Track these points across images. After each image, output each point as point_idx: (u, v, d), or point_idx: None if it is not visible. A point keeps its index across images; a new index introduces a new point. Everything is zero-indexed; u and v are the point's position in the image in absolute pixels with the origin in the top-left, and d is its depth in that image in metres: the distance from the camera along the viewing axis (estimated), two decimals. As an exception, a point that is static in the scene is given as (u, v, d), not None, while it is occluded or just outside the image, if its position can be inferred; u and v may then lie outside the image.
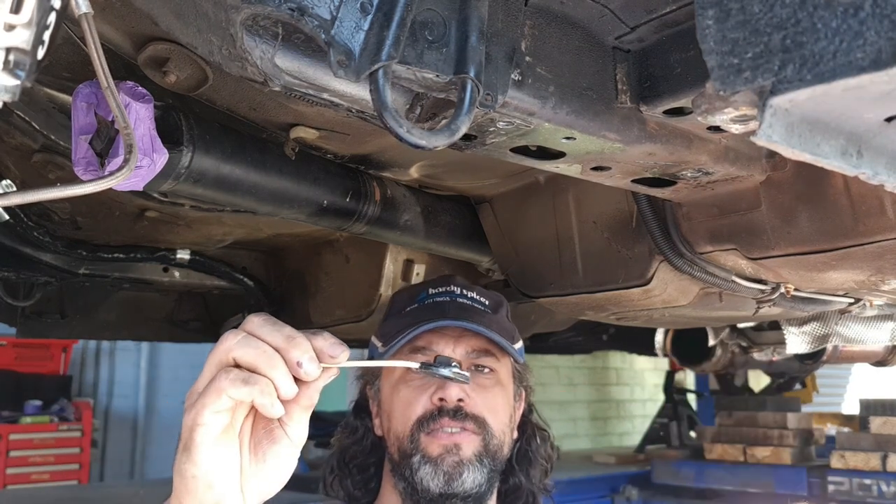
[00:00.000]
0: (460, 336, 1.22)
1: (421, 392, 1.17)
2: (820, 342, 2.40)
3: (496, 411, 1.19)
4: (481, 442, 1.15)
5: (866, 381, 8.21)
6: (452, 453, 1.13)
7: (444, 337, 1.21)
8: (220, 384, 0.68)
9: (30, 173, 1.60)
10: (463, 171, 1.61)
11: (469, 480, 1.12)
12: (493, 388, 1.21)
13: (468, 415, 1.15)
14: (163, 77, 1.03)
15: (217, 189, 1.26)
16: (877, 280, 1.38)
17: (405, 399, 1.18)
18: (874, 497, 3.66)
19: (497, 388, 1.21)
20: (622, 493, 4.36)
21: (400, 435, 1.17)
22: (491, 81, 0.79)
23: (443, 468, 1.11)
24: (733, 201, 1.31)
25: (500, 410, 1.20)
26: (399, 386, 1.20)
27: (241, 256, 2.59)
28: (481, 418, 1.16)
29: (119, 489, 4.48)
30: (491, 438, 1.16)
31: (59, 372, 6.17)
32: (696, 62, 0.87)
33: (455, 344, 1.21)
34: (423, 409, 1.16)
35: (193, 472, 0.69)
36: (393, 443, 1.19)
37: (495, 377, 1.23)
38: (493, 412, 1.18)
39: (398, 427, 1.18)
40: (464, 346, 1.21)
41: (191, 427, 0.69)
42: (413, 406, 1.16)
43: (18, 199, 0.66)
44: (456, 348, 1.20)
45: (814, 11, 0.49)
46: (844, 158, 0.55)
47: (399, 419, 1.18)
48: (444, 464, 1.11)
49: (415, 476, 1.13)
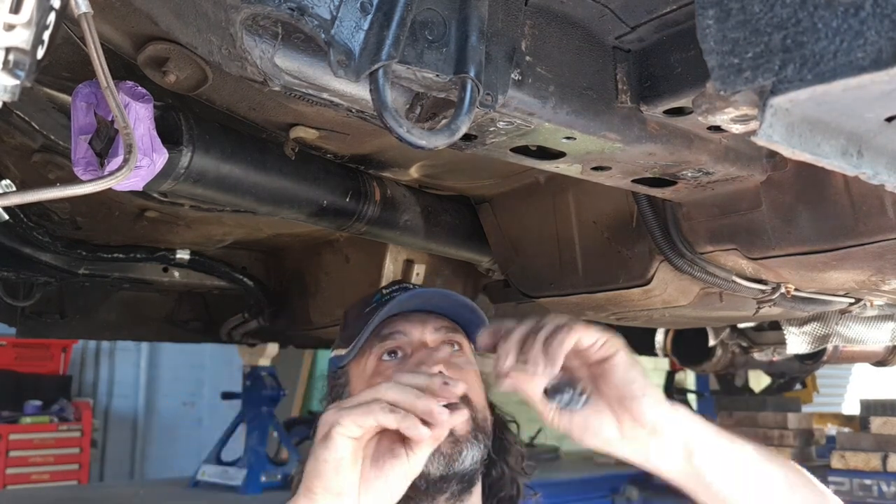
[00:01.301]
0: (426, 318, 1.20)
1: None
2: (820, 342, 2.40)
3: (474, 388, 1.17)
4: (470, 418, 1.11)
5: (867, 381, 8.21)
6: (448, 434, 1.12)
7: (411, 321, 1.19)
8: (372, 407, 0.85)
9: (29, 173, 1.60)
10: (463, 171, 1.61)
11: (468, 458, 1.10)
12: (466, 366, 1.18)
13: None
14: (162, 77, 1.03)
15: (217, 189, 1.26)
16: (877, 280, 1.38)
17: None
18: (874, 497, 3.66)
19: (469, 366, 1.19)
20: (622, 493, 4.36)
21: None
22: (491, 81, 0.79)
23: (441, 450, 1.07)
24: (734, 201, 1.31)
25: (476, 387, 1.18)
26: (374, 379, 1.15)
27: (241, 256, 2.59)
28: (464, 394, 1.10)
29: (119, 489, 4.48)
30: (477, 413, 1.14)
31: (59, 372, 6.17)
32: (696, 62, 0.87)
33: (423, 325, 1.19)
34: None
35: (327, 456, 0.84)
36: None
37: (465, 356, 1.21)
38: (472, 388, 1.16)
39: None
40: (431, 325, 1.19)
41: (331, 423, 0.85)
42: None
43: (18, 199, 0.66)
44: (424, 330, 1.18)
45: (814, 11, 0.49)
46: (845, 158, 0.55)
47: None
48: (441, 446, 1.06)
49: None
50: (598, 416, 0.94)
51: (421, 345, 1.17)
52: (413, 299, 1.20)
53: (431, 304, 1.22)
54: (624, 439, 0.94)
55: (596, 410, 0.95)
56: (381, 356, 1.17)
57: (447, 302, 1.23)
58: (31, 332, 2.67)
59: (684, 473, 0.95)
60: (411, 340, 1.18)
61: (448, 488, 1.11)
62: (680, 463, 0.95)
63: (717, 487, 0.94)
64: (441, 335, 1.20)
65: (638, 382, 0.92)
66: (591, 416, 0.95)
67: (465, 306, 1.23)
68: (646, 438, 0.94)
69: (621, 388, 0.92)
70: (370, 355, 1.18)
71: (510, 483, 1.26)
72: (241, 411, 3.87)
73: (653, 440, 0.94)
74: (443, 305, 1.23)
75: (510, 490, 1.25)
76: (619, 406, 0.93)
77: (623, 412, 0.92)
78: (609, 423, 0.94)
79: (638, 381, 0.93)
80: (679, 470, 0.95)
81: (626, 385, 0.92)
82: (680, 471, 0.95)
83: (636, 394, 0.91)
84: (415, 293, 1.21)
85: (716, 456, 0.95)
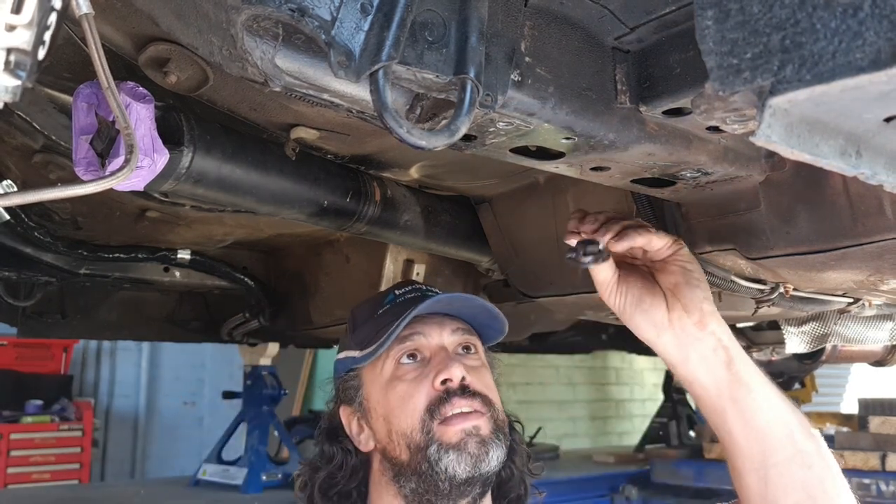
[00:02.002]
0: (442, 320, 1.20)
1: (420, 382, 1.14)
2: (819, 342, 2.40)
3: (491, 388, 1.18)
4: (492, 419, 1.13)
5: (865, 380, 8.21)
6: (473, 435, 1.10)
7: (428, 323, 1.19)
8: None
9: (31, 173, 1.60)
10: (463, 171, 1.61)
11: (494, 459, 1.11)
12: (482, 368, 1.20)
13: (475, 392, 1.13)
14: (163, 77, 1.03)
15: (218, 189, 1.26)
16: (876, 280, 1.38)
17: (404, 393, 1.14)
18: (873, 496, 3.66)
19: (485, 368, 1.21)
20: (621, 492, 4.36)
21: (407, 430, 1.12)
22: (491, 82, 0.79)
23: (468, 451, 1.08)
24: (732, 201, 1.31)
25: (493, 388, 1.19)
26: (393, 383, 1.16)
27: (242, 256, 2.59)
28: (485, 395, 1.14)
29: (120, 489, 4.47)
30: (497, 414, 1.15)
31: (60, 372, 6.17)
32: (695, 62, 0.87)
33: (440, 327, 1.19)
34: (427, 397, 1.12)
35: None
36: (399, 442, 1.14)
37: (479, 358, 1.22)
38: (490, 389, 1.17)
39: (404, 423, 1.13)
40: (449, 328, 1.20)
41: None
42: (415, 397, 1.13)
43: (19, 199, 0.67)
44: (442, 331, 1.19)
45: (813, 12, 0.49)
46: (843, 158, 0.55)
47: (402, 415, 1.13)
48: (468, 447, 1.09)
49: (436, 466, 1.09)
50: (652, 298, 1.02)
51: (439, 348, 1.17)
52: (436, 304, 1.19)
53: (453, 308, 1.22)
54: (671, 329, 1.00)
55: (651, 293, 1.02)
56: (400, 359, 1.17)
57: (468, 306, 1.22)
58: (32, 332, 2.67)
59: (722, 381, 0.99)
60: (430, 343, 1.18)
61: (471, 492, 1.11)
62: (720, 368, 0.99)
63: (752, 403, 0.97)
64: (458, 337, 1.20)
65: (697, 273, 1.01)
66: (644, 296, 1.02)
67: (485, 310, 1.23)
68: (691, 333, 0.99)
69: (680, 276, 1.01)
70: (387, 358, 1.17)
71: (518, 483, 1.26)
72: (241, 411, 3.87)
73: (696, 337, 0.99)
74: (463, 310, 1.23)
75: (518, 489, 1.26)
76: (672, 294, 1.01)
77: (675, 300, 1.00)
78: (660, 308, 1.01)
79: (697, 272, 1.01)
80: (717, 377, 0.99)
81: (686, 273, 1.01)
82: (718, 378, 0.99)
83: (693, 282, 1.00)
84: (437, 299, 1.19)
85: (750, 368, 1.00)
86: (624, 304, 1.04)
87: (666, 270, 1.03)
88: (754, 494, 0.98)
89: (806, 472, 0.96)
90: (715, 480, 4.15)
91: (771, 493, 0.96)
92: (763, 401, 0.99)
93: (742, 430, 0.98)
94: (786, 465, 0.96)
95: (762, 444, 0.97)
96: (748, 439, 0.98)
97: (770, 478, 0.96)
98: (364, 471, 1.23)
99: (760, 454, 0.97)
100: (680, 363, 1.02)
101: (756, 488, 0.98)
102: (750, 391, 0.98)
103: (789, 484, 0.96)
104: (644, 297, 1.03)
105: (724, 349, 1.00)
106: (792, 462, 0.96)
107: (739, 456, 0.99)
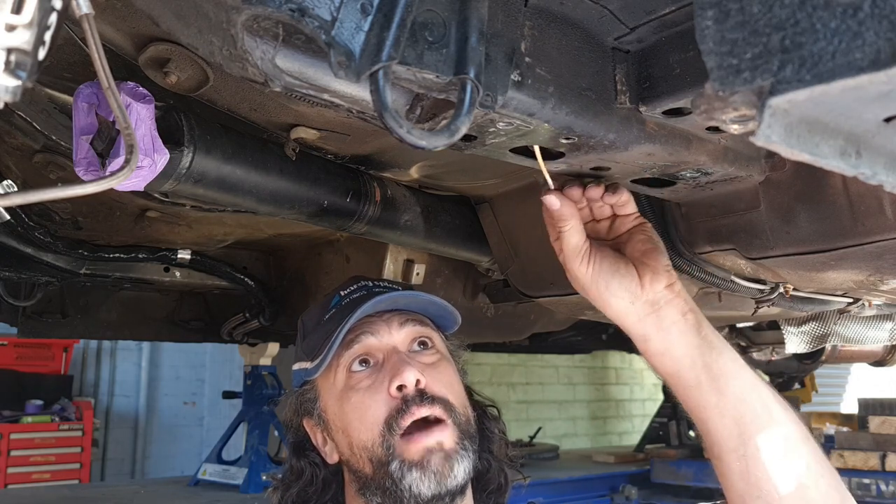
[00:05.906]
0: (391, 316, 1.15)
1: (375, 391, 1.08)
2: (819, 342, 2.40)
3: (452, 386, 1.12)
4: (454, 426, 1.07)
5: (865, 380, 8.21)
6: (436, 451, 1.05)
7: (376, 322, 1.13)
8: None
9: (31, 173, 1.60)
10: (463, 171, 1.61)
11: (460, 473, 1.05)
12: (440, 364, 1.13)
13: (434, 397, 1.07)
14: (164, 78, 1.03)
15: (218, 189, 1.27)
16: (875, 280, 1.38)
17: (360, 404, 1.08)
18: (873, 496, 3.66)
19: (443, 362, 1.15)
20: (621, 492, 4.36)
21: (368, 443, 1.07)
22: (491, 82, 0.79)
23: (431, 469, 1.03)
24: (732, 201, 1.31)
25: (455, 384, 1.13)
26: (348, 394, 1.10)
27: (242, 256, 2.59)
28: (444, 399, 1.08)
29: (120, 488, 4.47)
30: (460, 418, 1.09)
31: (61, 371, 6.18)
32: (695, 63, 0.87)
33: (388, 324, 1.13)
34: (385, 406, 1.06)
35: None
36: (361, 456, 1.08)
37: (437, 352, 1.16)
38: (451, 389, 1.11)
39: (363, 436, 1.07)
40: (396, 321, 1.14)
41: None
42: (372, 408, 1.07)
43: (20, 199, 0.67)
44: (391, 328, 1.13)
45: (813, 12, 0.49)
46: (843, 158, 0.55)
47: (361, 427, 1.08)
48: (430, 465, 1.03)
49: (399, 484, 1.03)
50: (626, 266, 1.04)
51: (391, 350, 1.12)
52: (379, 304, 1.14)
53: (399, 305, 1.17)
54: (644, 294, 1.03)
55: (624, 262, 1.05)
56: (351, 366, 1.11)
57: (415, 301, 1.18)
58: (32, 332, 2.68)
59: (694, 347, 1.01)
60: (380, 343, 1.12)
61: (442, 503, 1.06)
62: (691, 333, 1.02)
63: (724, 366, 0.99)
64: (409, 330, 1.14)
65: (661, 242, 1.07)
66: (619, 264, 1.05)
67: (433, 303, 1.18)
68: (663, 295, 1.02)
69: (648, 243, 1.05)
70: (338, 367, 1.12)
71: (498, 473, 1.21)
72: (241, 411, 3.88)
73: (668, 300, 1.02)
74: (412, 305, 1.18)
75: (498, 479, 1.21)
76: (642, 261, 1.04)
77: (645, 266, 1.03)
78: (631, 280, 1.03)
79: (661, 242, 1.07)
80: (689, 342, 1.01)
81: (651, 242, 1.05)
82: (690, 343, 1.01)
83: (660, 248, 1.05)
84: (379, 299, 1.13)
85: (715, 333, 1.04)
86: (597, 272, 1.04)
87: (633, 240, 1.06)
88: (736, 477, 0.96)
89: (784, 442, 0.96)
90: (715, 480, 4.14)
91: (752, 468, 0.95)
92: (732, 363, 1.00)
93: (717, 402, 0.97)
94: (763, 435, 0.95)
95: (738, 414, 0.96)
96: (724, 414, 0.97)
97: (749, 453, 0.95)
98: (337, 482, 1.18)
99: (737, 428, 0.96)
100: (654, 332, 1.02)
101: (737, 467, 0.96)
102: (720, 354, 1.00)
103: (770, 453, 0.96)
104: (619, 264, 1.04)
105: (692, 312, 1.03)
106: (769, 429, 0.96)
107: (718, 437, 0.97)
